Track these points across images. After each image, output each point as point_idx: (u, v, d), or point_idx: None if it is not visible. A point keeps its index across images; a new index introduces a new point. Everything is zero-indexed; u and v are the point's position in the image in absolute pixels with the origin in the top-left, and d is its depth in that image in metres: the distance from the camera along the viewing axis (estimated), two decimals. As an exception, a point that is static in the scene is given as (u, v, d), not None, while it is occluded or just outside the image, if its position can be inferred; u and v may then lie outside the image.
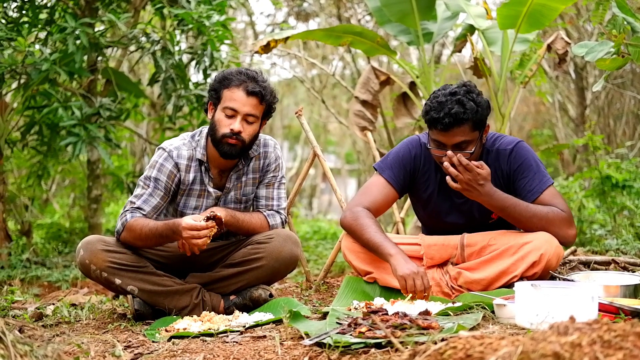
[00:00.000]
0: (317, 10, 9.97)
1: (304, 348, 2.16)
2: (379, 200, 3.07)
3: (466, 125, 2.80)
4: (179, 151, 3.07)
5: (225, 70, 3.07)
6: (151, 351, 2.35)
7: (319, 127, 15.47)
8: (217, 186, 3.15)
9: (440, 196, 3.07)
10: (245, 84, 2.98)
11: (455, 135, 2.81)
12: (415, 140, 3.13)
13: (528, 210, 2.84)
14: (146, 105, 8.84)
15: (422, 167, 3.08)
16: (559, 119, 10.02)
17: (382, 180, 3.08)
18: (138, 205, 3.00)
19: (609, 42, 3.06)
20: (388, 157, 3.12)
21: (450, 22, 5.44)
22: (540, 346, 1.44)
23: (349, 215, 3.03)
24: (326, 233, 9.70)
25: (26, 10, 5.53)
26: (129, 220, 2.96)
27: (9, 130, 5.75)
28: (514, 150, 2.97)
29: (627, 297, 2.63)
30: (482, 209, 3.00)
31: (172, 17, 5.81)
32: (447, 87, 2.88)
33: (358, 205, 3.04)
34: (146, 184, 3.03)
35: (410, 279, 2.71)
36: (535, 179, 2.92)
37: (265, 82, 3.04)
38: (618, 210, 5.68)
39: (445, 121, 2.77)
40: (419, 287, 2.70)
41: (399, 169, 3.07)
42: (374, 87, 5.67)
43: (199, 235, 2.80)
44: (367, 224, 2.95)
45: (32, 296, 4.07)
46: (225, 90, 3.00)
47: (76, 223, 7.83)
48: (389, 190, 3.07)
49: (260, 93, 2.99)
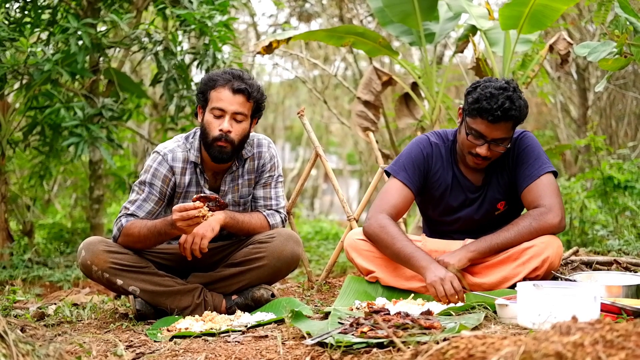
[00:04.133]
0: (319, 11, 9.96)
1: (305, 348, 2.16)
2: (399, 204, 3.04)
3: (511, 122, 2.84)
4: (173, 154, 3.06)
5: (210, 72, 3.07)
6: (153, 351, 2.35)
7: (321, 127, 15.46)
8: (213, 188, 3.15)
9: (454, 192, 3.08)
10: (230, 83, 2.97)
11: (499, 129, 2.83)
12: (424, 139, 3.13)
13: (511, 234, 2.83)
14: (148, 105, 8.84)
15: (433, 166, 3.09)
16: (561, 119, 10.00)
17: (398, 183, 3.06)
18: (132, 211, 3.01)
19: (611, 42, 3.06)
20: (400, 159, 3.11)
21: (453, 22, 5.44)
22: (543, 346, 1.44)
23: (374, 223, 2.97)
24: (328, 233, 9.69)
25: (28, 10, 5.53)
26: (124, 225, 2.96)
27: (11, 131, 5.75)
28: (519, 139, 3.02)
29: (630, 297, 2.63)
30: (492, 201, 3.04)
31: (175, 17, 5.81)
32: (494, 81, 2.88)
33: (381, 212, 2.99)
34: (141, 189, 3.03)
35: (439, 285, 2.70)
36: (535, 165, 2.94)
37: (251, 79, 3.03)
38: (620, 211, 5.68)
39: (497, 114, 2.78)
40: (449, 291, 2.69)
41: (413, 170, 3.07)
42: (376, 88, 5.67)
43: (188, 215, 2.73)
44: (395, 233, 2.92)
45: (34, 296, 4.07)
46: (211, 91, 2.99)
47: (78, 223, 7.83)
48: (406, 192, 3.06)
49: (246, 90, 2.98)
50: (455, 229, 3.13)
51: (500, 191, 3.04)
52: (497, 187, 3.04)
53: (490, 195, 3.04)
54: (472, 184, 3.07)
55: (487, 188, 3.05)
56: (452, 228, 3.14)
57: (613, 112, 9.62)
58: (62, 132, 5.84)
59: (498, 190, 3.04)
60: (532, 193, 2.90)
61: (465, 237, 3.03)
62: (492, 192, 3.05)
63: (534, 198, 2.89)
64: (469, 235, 3.03)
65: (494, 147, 2.87)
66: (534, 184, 2.91)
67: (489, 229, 2.97)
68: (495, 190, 3.05)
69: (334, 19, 9.74)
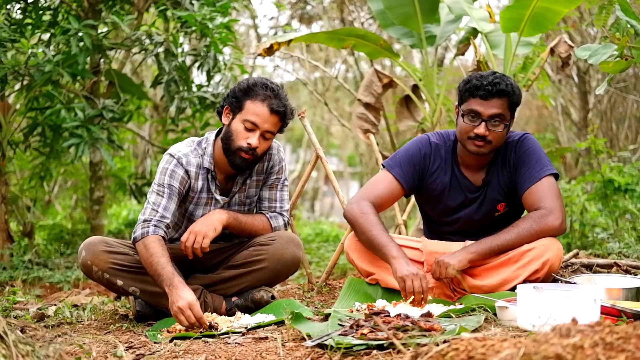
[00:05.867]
0: (320, 13, 9.98)
1: (305, 349, 2.15)
2: (384, 196, 3.07)
3: (505, 99, 2.87)
4: (187, 158, 3.04)
5: (249, 80, 3.02)
6: (153, 352, 2.35)
7: (321, 129, 15.46)
8: (224, 192, 3.14)
9: (452, 192, 3.08)
10: (270, 101, 2.95)
11: (493, 105, 2.86)
12: (424, 139, 3.14)
13: (512, 236, 2.83)
14: (149, 107, 8.84)
15: (431, 166, 3.09)
16: (562, 122, 10.01)
17: (390, 176, 3.08)
18: (162, 213, 2.93)
19: (612, 44, 3.06)
20: (397, 155, 3.13)
21: (454, 25, 5.44)
22: (542, 348, 1.44)
23: (356, 208, 3.01)
24: (328, 235, 9.69)
25: (29, 12, 5.54)
26: (150, 234, 2.87)
27: (11, 132, 5.76)
28: (520, 141, 3.03)
29: (630, 300, 2.62)
30: (492, 201, 3.04)
31: (176, 19, 5.82)
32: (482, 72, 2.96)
33: (364, 199, 3.03)
34: (161, 191, 2.98)
35: (410, 280, 2.72)
36: (536, 167, 2.94)
37: (287, 100, 3.02)
38: (620, 214, 5.68)
39: (488, 88, 2.84)
40: (417, 288, 2.70)
41: (408, 167, 3.08)
42: (376, 90, 5.67)
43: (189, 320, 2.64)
44: (374, 222, 2.95)
45: (34, 297, 4.07)
46: (248, 101, 2.96)
47: (78, 224, 7.84)
48: (395, 187, 3.08)
49: (283, 112, 2.97)
50: (455, 229, 3.13)
51: (501, 192, 3.05)
52: (498, 188, 3.05)
53: (490, 195, 3.05)
54: (472, 184, 3.07)
55: (487, 188, 3.06)
56: (451, 229, 3.14)
57: (614, 115, 9.63)
58: (62, 133, 5.84)
59: (498, 191, 3.05)
60: (533, 195, 2.91)
61: (465, 239, 3.03)
62: (492, 192, 3.05)
63: (535, 200, 2.89)
64: (469, 237, 3.03)
65: (492, 126, 2.88)
66: (534, 186, 2.91)
67: (488, 230, 2.97)
68: (495, 191, 3.05)
69: (335, 21, 9.76)
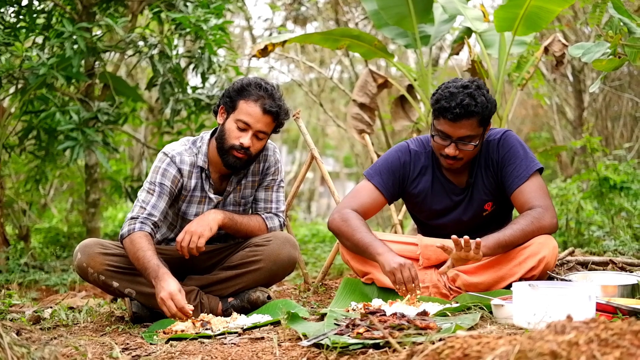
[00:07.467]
0: (314, 14, 9.98)
1: (302, 349, 2.16)
2: (366, 204, 3.09)
3: (474, 119, 2.83)
4: (181, 157, 3.05)
5: (243, 79, 3.03)
6: (149, 353, 2.34)
7: (317, 130, 15.46)
8: (218, 191, 3.15)
9: (436, 196, 3.09)
10: (263, 101, 2.96)
11: (462, 127, 2.83)
12: (404, 147, 3.15)
13: (517, 232, 2.81)
14: (144, 109, 8.82)
15: (411, 173, 3.11)
16: (557, 121, 10.03)
17: (370, 185, 3.11)
18: (149, 211, 2.95)
19: (605, 43, 3.07)
20: (377, 164, 3.16)
21: (448, 25, 5.45)
22: (538, 345, 1.44)
23: (337, 218, 3.03)
24: (324, 236, 9.68)
25: (23, 15, 5.53)
26: (136, 230, 2.90)
27: (6, 135, 5.74)
28: (502, 139, 3.02)
29: (625, 297, 2.63)
30: (479, 202, 3.04)
31: (170, 21, 5.80)
32: (457, 80, 2.91)
33: (346, 208, 3.05)
34: (151, 189, 3.00)
35: (399, 272, 2.73)
36: (522, 165, 2.94)
37: (281, 100, 3.02)
38: (616, 212, 5.69)
39: (456, 111, 2.79)
40: (406, 278, 2.71)
41: (387, 176, 3.10)
42: (371, 90, 5.67)
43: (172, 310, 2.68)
44: (355, 225, 2.96)
45: (30, 300, 4.06)
46: (241, 101, 2.97)
47: (74, 227, 7.82)
48: (377, 195, 3.10)
49: (276, 113, 2.98)
50: (446, 232, 3.13)
51: (487, 192, 3.05)
52: (483, 188, 3.05)
53: (476, 196, 3.05)
54: (456, 187, 3.08)
55: (472, 189, 3.06)
56: (443, 232, 3.13)
57: (609, 114, 9.64)
58: (57, 136, 5.82)
59: (484, 191, 3.05)
60: (524, 194, 2.91)
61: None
62: (477, 193, 3.06)
63: (527, 200, 2.90)
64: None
65: (462, 146, 2.87)
66: (524, 185, 2.91)
67: (478, 230, 2.98)
68: (481, 191, 3.05)
69: (330, 22, 9.76)
